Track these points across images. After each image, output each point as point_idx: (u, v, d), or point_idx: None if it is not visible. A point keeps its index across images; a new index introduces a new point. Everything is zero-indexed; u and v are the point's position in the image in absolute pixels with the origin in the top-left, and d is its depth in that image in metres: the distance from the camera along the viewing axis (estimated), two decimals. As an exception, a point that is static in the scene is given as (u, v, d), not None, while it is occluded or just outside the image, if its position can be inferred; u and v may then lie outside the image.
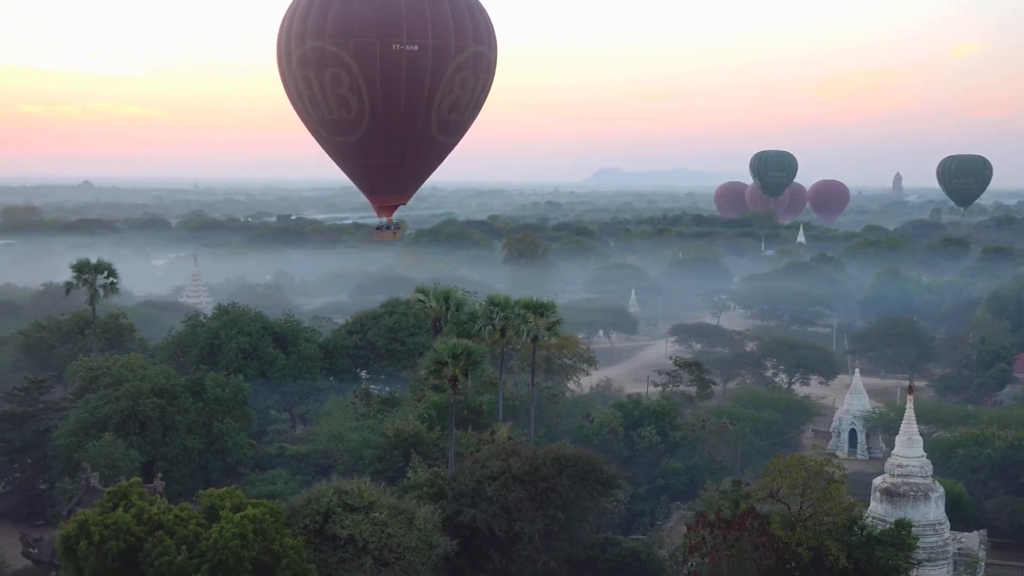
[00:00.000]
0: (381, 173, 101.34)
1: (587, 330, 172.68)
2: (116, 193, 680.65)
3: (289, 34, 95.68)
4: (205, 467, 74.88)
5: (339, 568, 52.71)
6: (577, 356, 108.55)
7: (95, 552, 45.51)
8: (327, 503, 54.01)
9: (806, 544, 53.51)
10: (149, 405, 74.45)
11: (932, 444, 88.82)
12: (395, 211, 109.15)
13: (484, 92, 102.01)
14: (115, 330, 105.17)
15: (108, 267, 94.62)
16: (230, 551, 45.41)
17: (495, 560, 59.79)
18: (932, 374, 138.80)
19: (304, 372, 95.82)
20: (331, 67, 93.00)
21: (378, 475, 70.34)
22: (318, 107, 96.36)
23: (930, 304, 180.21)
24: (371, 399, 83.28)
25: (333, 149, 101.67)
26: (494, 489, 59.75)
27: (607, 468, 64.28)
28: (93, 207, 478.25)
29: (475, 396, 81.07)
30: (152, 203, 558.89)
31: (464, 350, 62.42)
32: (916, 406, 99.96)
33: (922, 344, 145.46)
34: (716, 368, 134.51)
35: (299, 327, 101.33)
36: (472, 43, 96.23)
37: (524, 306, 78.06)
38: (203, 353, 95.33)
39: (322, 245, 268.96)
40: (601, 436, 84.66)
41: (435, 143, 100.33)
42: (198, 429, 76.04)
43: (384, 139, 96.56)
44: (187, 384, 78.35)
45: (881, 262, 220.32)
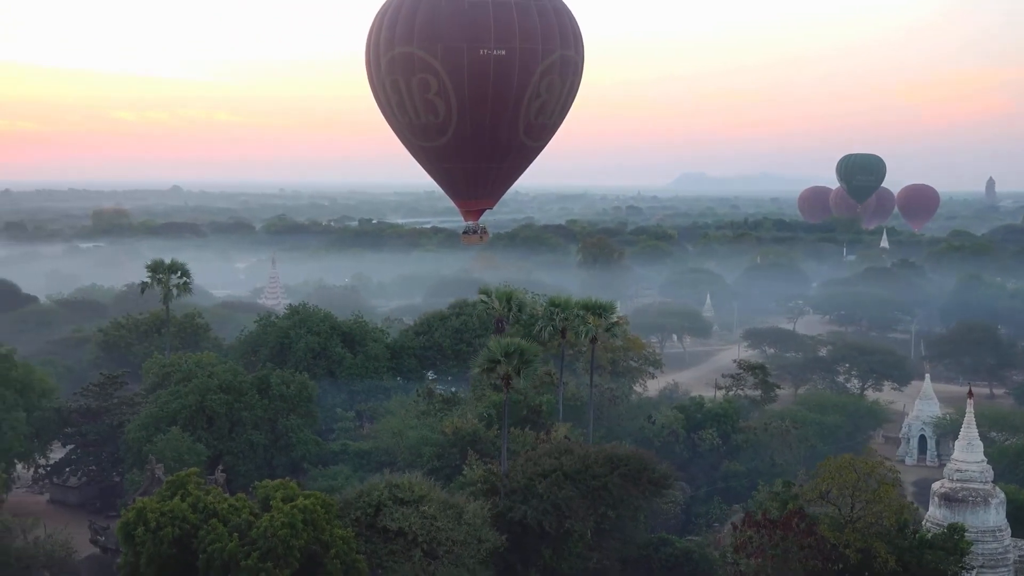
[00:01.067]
0: (468, 177, 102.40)
1: (660, 334, 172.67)
2: (204, 197, 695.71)
3: (378, 40, 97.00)
4: (270, 462, 76.73)
5: (389, 560, 54.01)
6: (643, 359, 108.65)
7: (151, 538, 47.34)
8: (378, 496, 55.38)
9: (854, 546, 53.31)
10: (216, 401, 76.65)
11: (1002, 451, 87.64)
12: (482, 215, 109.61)
13: (571, 96, 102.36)
14: (190, 329, 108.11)
15: (182, 267, 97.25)
16: (279, 539, 46.87)
17: (546, 557, 60.54)
18: (1013, 381, 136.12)
19: (371, 371, 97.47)
20: (419, 72, 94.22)
21: (436, 472, 71.65)
22: (406, 112, 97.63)
23: (1014, 311, 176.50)
24: (433, 398, 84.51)
25: (420, 154, 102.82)
26: (545, 486, 60.49)
27: (660, 468, 64.51)
28: (181, 211, 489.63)
29: (535, 396, 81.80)
30: (238, 207, 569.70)
31: (517, 349, 63.22)
32: (990, 412, 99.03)
33: (1002, 351, 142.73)
34: (787, 373, 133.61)
35: (367, 327, 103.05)
36: (559, 47, 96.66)
37: (583, 307, 78.62)
38: (273, 352, 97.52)
39: (400, 248, 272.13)
40: (662, 438, 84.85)
41: (522, 147, 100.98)
42: (264, 425, 78.02)
43: (471, 143, 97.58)
44: (254, 381, 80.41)
45: (965, 268, 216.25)
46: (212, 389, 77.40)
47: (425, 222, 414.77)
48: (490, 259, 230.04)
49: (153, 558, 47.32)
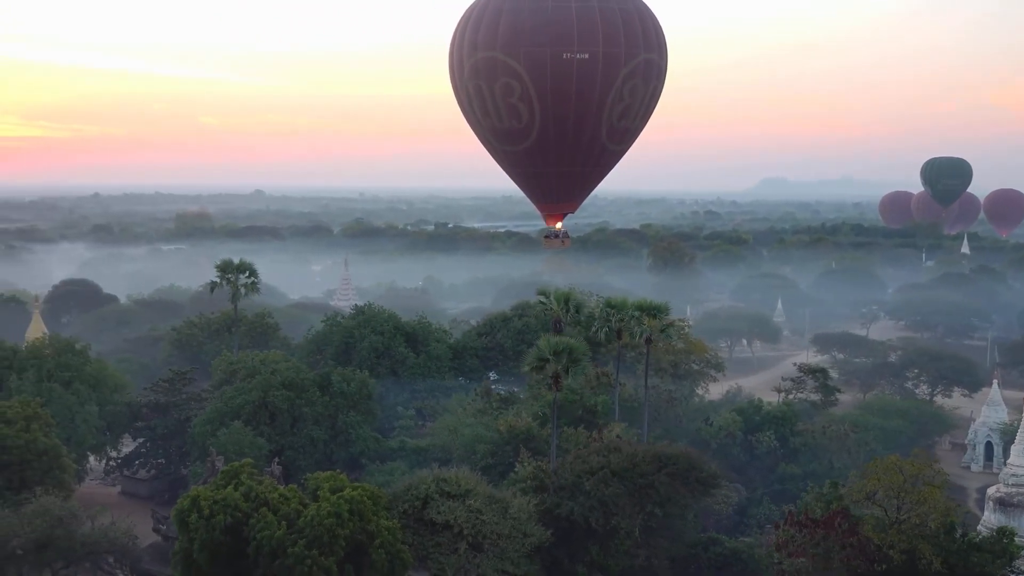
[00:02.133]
0: (550, 181, 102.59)
1: (728, 338, 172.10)
2: (286, 201, 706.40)
3: (461, 45, 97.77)
4: (330, 457, 78.58)
5: (435, 552, 55.36)
6: (705, 362, 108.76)
7: (204, 524, 49.18)
8: (426, 490, 56.77)
9: (898, 547, 53.26)
10: (279, 397, 78.81)
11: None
12: (563, 219, 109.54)
13: (654, 99, 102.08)
14: (260, 328, 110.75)
15: (249, 267, 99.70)
16: (325, 528, 48.41)
17: (593, 553, 61.36)
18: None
19: (433, 371, 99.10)
20: (502, 77, 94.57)
21: (489, 469, 72.95)
22: (489, 116, 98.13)
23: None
24: (490, 397, 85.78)
25: (503, 158, 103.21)
26: (592, 484, 61.36)
27: (708, 467, 64.93)
28: (263, 215, 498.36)
29: (590, 396, 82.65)
30: (318, 211, 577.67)
31: (566, 348, 64.22)
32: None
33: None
34: (855, 378, 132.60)
35: (430, 328, 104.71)
36: (642, 50, 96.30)
37: (638, 308, 79.34)
38: (338, 351, 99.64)
39: (474, 252, 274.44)
40: (718, 439, 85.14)
41: (604, 151, 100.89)
42: (324, 421, 79.99)
43: (554, 147, 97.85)
44: (315, 378, 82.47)
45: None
46: (275, 386, 79.60)
47: (500, 226, 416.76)
48: (561, 262, 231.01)
49: (205, 544, 49.14)
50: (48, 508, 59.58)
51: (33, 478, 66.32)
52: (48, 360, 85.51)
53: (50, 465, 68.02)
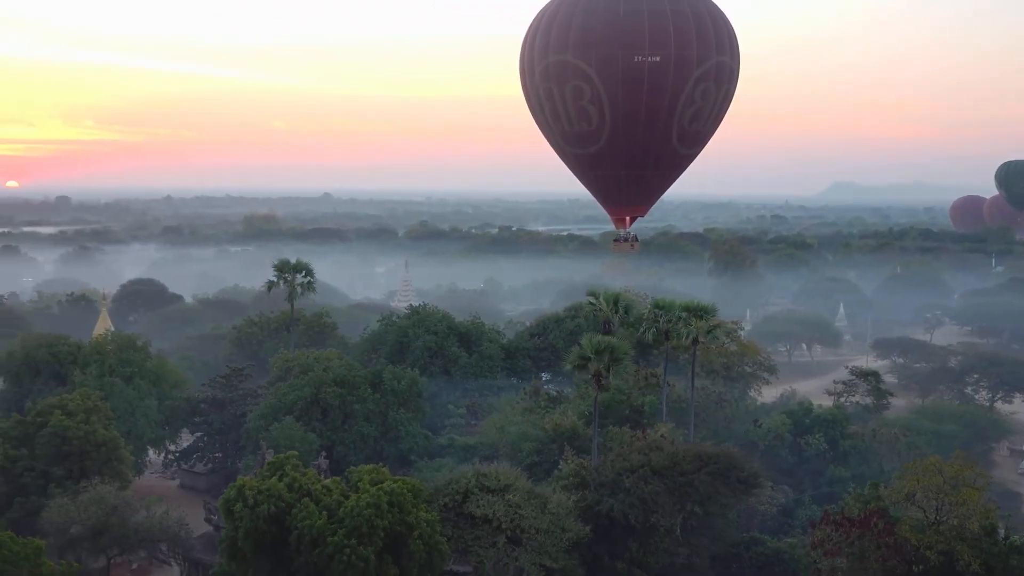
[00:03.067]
0: (620, 184, 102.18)
1: (788, 342, 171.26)
2: (353, 204, 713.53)
3: (532, 48, 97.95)
4: (380, 453, 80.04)
5: (475, 545, 56.47)
6: (757, 364, 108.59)
7: (249, 513, 50.81)
8: (466, 484, 57.93)
9: (936, 548, 53.29)
10: (330, 394, 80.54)
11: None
12: (633, 223, 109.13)
13: (726, 103, 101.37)
14: (317, 328, 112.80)
15: (306, 267, 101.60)
16: (364, 519, 49.78)
17: (632, 549, 62.05)
18: None
19: (485, 371, 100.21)
20: (573, 80, 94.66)
21: (535, 466, 73.95)
22: (559, 119, 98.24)
23: None
24: (539, 396, 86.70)
25: (573, 161, 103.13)
26: (632, 481, 62.05)
27: (749, 467, 65.24)
28: (330, 217, 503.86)
29: (638, 396, 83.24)
30: (385, 214, 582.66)
31: (607, 346, 64.97)
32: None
33: None
34: (915, 382, 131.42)
35: (484, 328, 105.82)
36: (714, 53, 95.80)
37: (685, 309, 79.77)
38: (393, 350, 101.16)
39: (536, 254, 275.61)
40: (767, 441, 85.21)
41: (675, 154, 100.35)
42: (375, 418, 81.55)
43: (624, 150, 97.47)
44: (367, 376, 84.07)
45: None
46: (327, 382, 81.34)
47: (564, 229, 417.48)
48: (622, 265, 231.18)
49: (250, 532, 50.78)
50: (104, 496, 61.80)
51: (92, 468, 68.66)
52: (110, 356, 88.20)
53: (108, 456, 70.33)
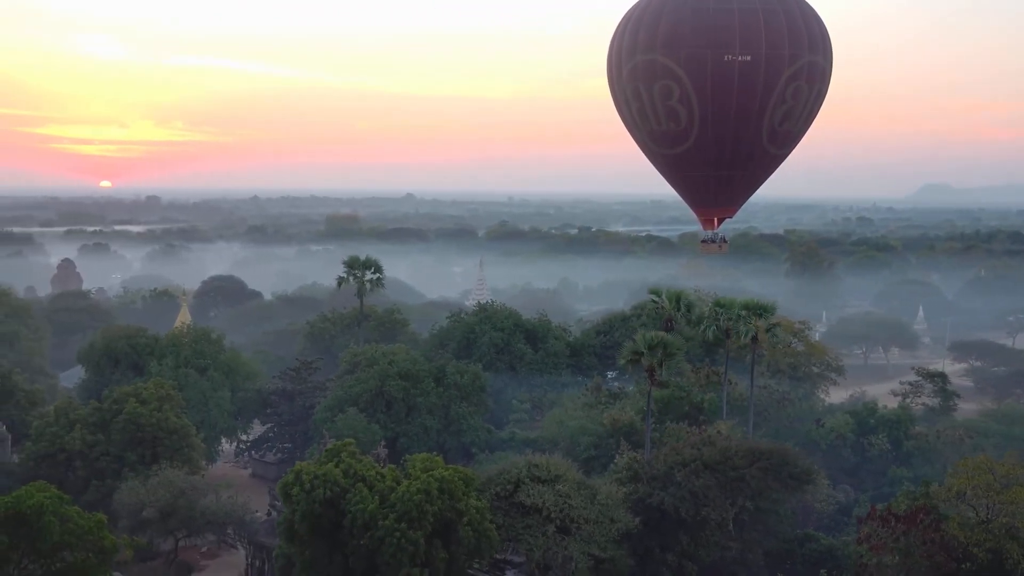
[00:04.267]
0: (708, 185, 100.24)
1: (864, 344, 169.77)
2: (435, 205, 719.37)
3: (620, 48, 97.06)
4: (442, 445, 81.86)
5: (525, 533, 57.78)
6: (825, 365, 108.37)
7: (305, 497, 52.78)
8: (518, 474, 59.28)
9: (984, 546, 53.24)
10: (394, 387, 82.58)
11: None
12: (721, 224, 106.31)
13: (818, 103, 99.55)
14: (388, 324, 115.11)
15: (375, 263, 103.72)
16: (414, 504, 51.44)
17: (683, 542, 62.81)
18: None
19: (550, 367, 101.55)
20: (661, 79, 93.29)
21: (592, 460, 75.17)
22: (647, 119, 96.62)
23: None
24: (600, 392, 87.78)
25: (660, 162, 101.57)
26: (683, 475, 62.85)
27: (801, 463, 65.58)
28: (411, 218, 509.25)
29: (698, 394, 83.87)
30: (467, 215, 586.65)
31: (660, 342, 65.80)
32: None
33: None
34: (991, 386, 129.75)
35: (550, 326, 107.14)
36: (807, 52, 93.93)
37: (744, 307, 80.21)
38: (460, 346, 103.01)
39: (613, 255, 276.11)
40: (828, 441, 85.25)
41: (765, 154, 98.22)
42: (437, 411, 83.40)
43: (713, 150, 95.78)
44: (430, 370, 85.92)
45: None
46: (391, 376, 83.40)
47: (644, 230, 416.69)
48: (698, 266, 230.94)
49: (306, 515, 52.76)
50: (172, 480, 64.46)
51: (164, 454, 71.55)
52: (186, 348, 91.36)
53: (180, 443, 73.16)
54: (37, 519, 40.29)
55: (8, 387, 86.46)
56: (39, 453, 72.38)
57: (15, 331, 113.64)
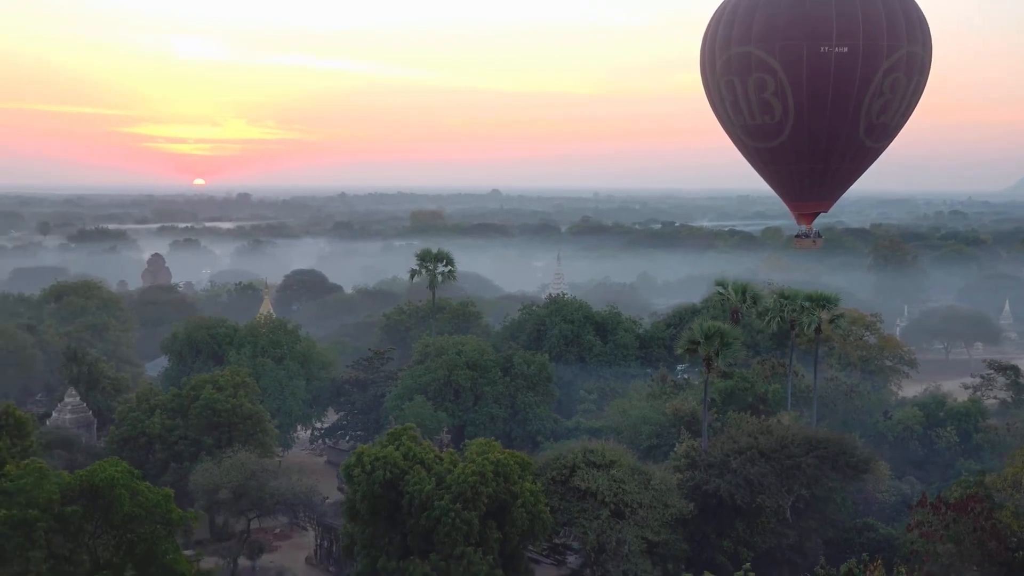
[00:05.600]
0: (803, 179, 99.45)
1: (946, 339, 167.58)
2: (521, 201, 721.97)
3: (714, 41, 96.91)
4: (508, 434, 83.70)
5: (579, 516, 59.26)
6: (897, 358, 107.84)
7: (366, 478, 54.92)
8: (573, 459, 60.76)
9: (1037, 534, 53.26)
10: (462, 376, 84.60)
11: None
12: (815, 219, 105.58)
13: (916, 94, 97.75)
14: (462, 316, 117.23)
15: (447, 256, 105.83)
16: (468, 485, 53.26)
17: (739, 529, 63.68)
18: None
19: (619, 359, 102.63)
20: (755, 72, 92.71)
21: (654, 449, 76.32)
22: (740, 113, 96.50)
23: None
24: (666, 382, 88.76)
25: (754, 156, 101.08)
26: (739, 462, 63.73)
27: (859, 452, 65.95)
28: (496, 214, 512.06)
29: (762, 384, 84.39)
30: (551, 211, 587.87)
31: (716, 331, 66.68)
32: None
33: None
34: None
35: (619, 318, 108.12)
36: (905, 43, 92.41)
37: (808, 298, 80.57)
38: (531, 338, 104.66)
39: (694, 249, 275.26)
40: (895, 433, 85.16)
41: (861, 148, 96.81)
42: (504, 400, 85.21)
43: (808, 144, 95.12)
44: (497, 360, 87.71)
45: None
46: (459, 365, 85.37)
47: (728, 225, 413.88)
48: (780, 261, 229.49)
49: (367, 495, 54.90)
50: (244, 462, 67.19)
51: (239, 438, 74.49)
52: (263, 338, 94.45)
53: (254, 428, 76.09)
54: (109, 491, 42.95)
55: (95, 375, 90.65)
56: (122, 437, 75.95)
57: (105, 322, 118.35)
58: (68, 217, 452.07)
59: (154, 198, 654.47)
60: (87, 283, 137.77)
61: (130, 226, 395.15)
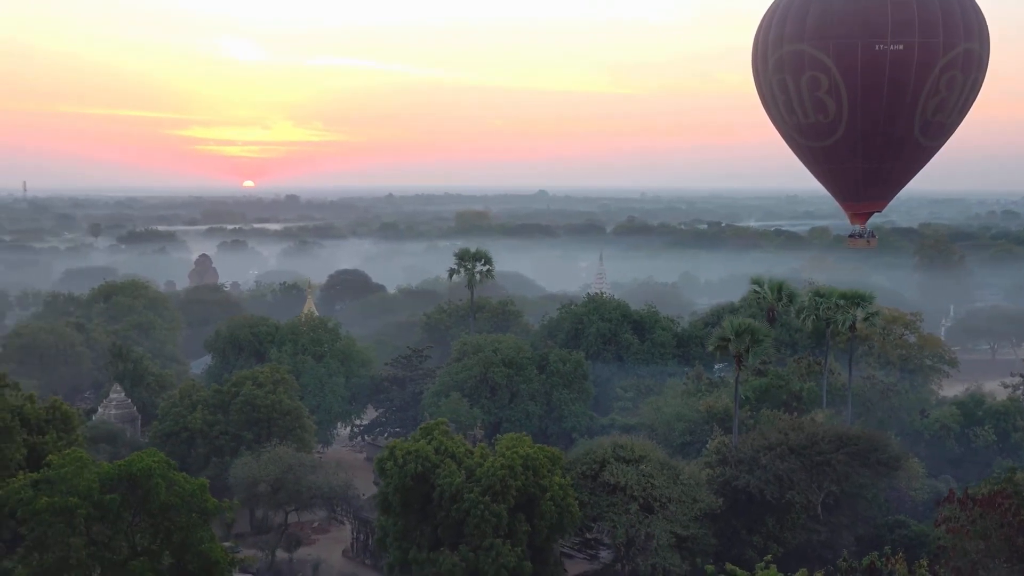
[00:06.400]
0: (856, 178, 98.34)
1: (992, 339, 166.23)
2: (567, 202, 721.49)
3: (766, 39, 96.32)
4: (544, 431, 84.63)
5: (609, 511, 60.14)
6: (937, 357, 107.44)
7: (398, 471, 56.14)
8: (603, 454, 61.64)
9: (1068, 531, 53.21)
10: (498, 373, 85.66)
11: None
12: (869, 218, 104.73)
13: (973, 92, 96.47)
14: (501, 315, 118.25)
15: (485, 255, 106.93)
16: (497, 478, 54.31)
17: (769, 525, 64.13)
18: None
19: (656, 357, 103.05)
20: (809, 70, 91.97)
21: (687, 445, 76.89)
22: (793, 112, 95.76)
23: None
24: (701, 380, 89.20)
25: (807, 154, 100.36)
26: (769, 458, 64.22)
27: (891, 449, 66.13)
28: (542, 214, 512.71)
29: (797, 382, 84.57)
30: (597, 211, 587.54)
31: (747, 328, 67.16)
32: None
33: None
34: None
35: (657, 316, 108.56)
36: (962, 39, 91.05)
37: (842, 296, 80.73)
38: (568, 336, 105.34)
39: (739, 249, 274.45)
40: (932, 431, 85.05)
41: (917, 147, 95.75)
42: (540, 397, 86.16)
43: (862, 143, 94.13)
44: (534, 358, 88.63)
45: None
46: (495, 363, 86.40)
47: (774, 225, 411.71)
48: (824, 260, 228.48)
49: (398, 488, 56.12)
50: (281, 456, 68.67)
51: (278, 434, 76.03)
52: (303, 336, 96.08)
53: (293, 424, 77.65)
54: (146, 480, 44.43)
55: (139, 371, 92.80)
56: (164, 431, 77.84)
57: (151, 321, 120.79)
58: (120, 219, 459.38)
59: (204, 200, 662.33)
60: (135, 283, 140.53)
61: (179, 227, 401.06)
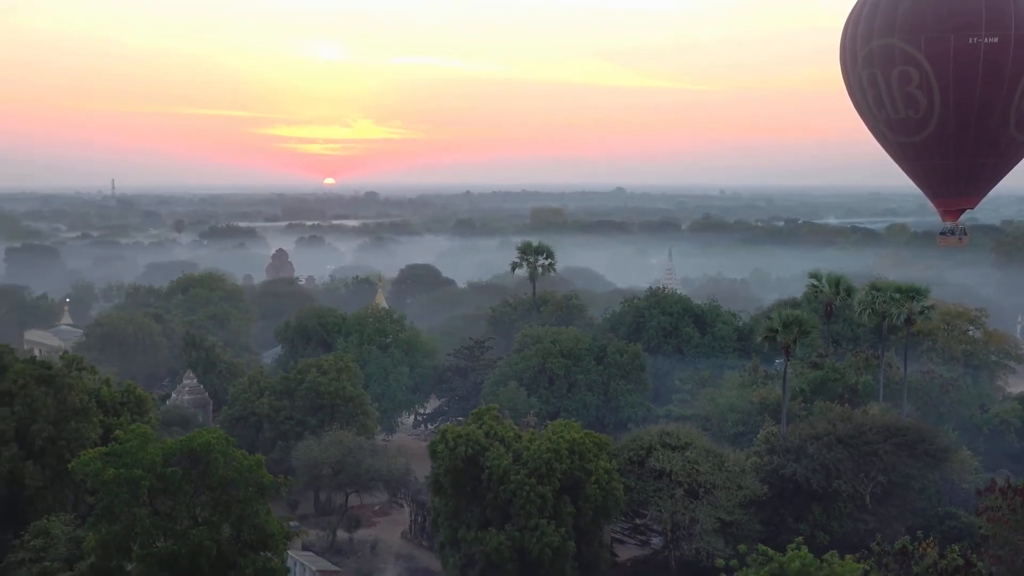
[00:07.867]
0: (948, 174, 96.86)
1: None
2: (645, 199, 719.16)
3: (855, 33, 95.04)
4: (601, 420, 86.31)
5: (654, 496, 61.73)
6: (1003, 353, 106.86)
7: (449, 454, 58.37)
8: (650, 441, 63.18)
9: (1108, 521, 53.61)
10: (556, 364, 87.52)
11: None
12: (961, 215, 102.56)
13: None
14: (565, 309, 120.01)
15: (547, 249, 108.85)
16: (543, 461, 56.24)
17: (815, 513, 65.07)
18: None
19: (717, 351, 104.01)
20: (899, 65, 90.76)
21: (740, 436, 78.03)
22: (883, 107, 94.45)
23: None
24: (756, 372, 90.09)
25: (897, 150, 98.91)
26: (816, 448, 65.19)
27: (939, 440, 66.61)
28: (619, 211, 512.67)
29: (853, 376, 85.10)
30: (674, 208, 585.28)
31: (795, 320, 68.14)
32: None
33: None
34: None
35: (718, 311, 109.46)
36: None
37: (897, 290, 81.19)
38: (630, 329, 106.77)
39: (813, 246, 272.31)
40: (991, 426, 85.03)
41: (1012, 142, 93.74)
42: (597, 388, 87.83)
43: (954, 138, 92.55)
44: (591, 348, 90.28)
45: None
46: (553, 354, 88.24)
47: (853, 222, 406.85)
48: (899, 257, 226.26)
49: (449, 470, 58.35)
50: (341, 439, 71.33)
51: (340, 420, 78.77)
52: (369, 326, 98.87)
53: (355, 410, 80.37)
54: (206, 455, 47.05)
55: (212, 359, 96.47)
56: (233, 416, 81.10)
57: (226, 312, 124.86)
58: (203, 215, 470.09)
59: (284, 196, 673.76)
60: (212, 276, 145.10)
61: (260, 224, 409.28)
